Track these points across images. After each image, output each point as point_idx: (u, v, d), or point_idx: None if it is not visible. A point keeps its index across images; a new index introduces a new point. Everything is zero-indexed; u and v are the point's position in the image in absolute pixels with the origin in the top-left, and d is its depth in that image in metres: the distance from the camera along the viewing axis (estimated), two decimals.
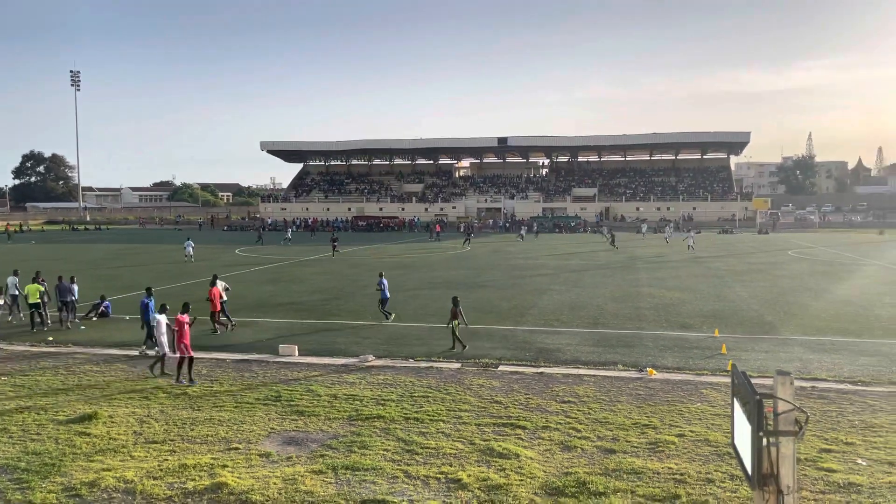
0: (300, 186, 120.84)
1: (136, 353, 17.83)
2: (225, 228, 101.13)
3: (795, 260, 42.48)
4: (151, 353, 17.42)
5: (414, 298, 26.77)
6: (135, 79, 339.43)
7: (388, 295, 22.52)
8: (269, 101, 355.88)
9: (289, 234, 67.45)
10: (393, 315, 22.20)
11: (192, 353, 15.03)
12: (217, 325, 20.15)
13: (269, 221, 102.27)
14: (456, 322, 17.76)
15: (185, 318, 15.02)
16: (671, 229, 63.42)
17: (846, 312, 22.65)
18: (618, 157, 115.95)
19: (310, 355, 17.33)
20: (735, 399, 5.26)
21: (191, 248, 47.33)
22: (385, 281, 22.49)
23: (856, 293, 26.93)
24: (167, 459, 10.68)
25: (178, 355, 14.84)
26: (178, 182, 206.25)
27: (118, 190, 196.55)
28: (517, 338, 19.22)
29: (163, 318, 15.58)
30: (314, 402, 13.57)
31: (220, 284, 21.01)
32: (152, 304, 18.28)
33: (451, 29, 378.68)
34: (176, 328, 14.88)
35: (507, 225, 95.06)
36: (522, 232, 67.19)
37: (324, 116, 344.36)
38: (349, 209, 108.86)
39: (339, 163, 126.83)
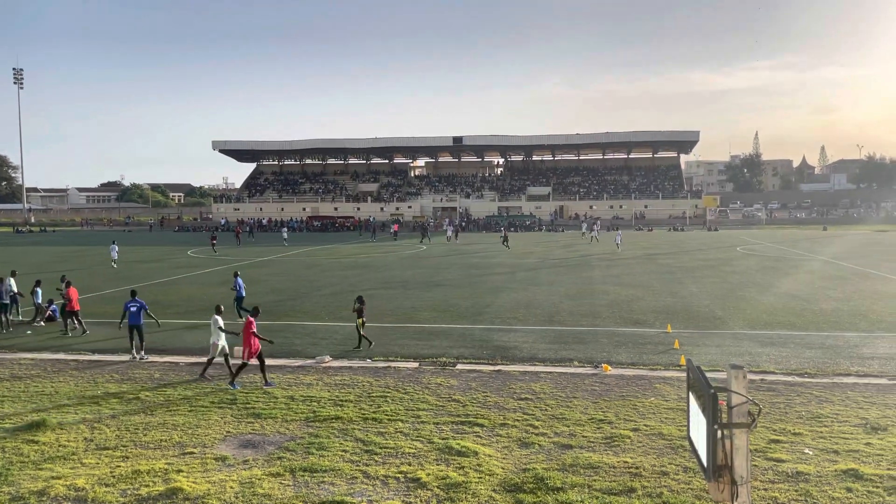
0: (254, 186, 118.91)
1: (87, 357, 17.28)
2: (176, 229, 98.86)
3: (744, 256, 43.69)
4: (138, 356, 17.15)
5: (369, 299, 26.65)
6: (81, 77, 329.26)
7: (244, 294, 22.62)
8: (222, 100, 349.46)
9: (285, 235, 67.66)
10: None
11: (254, 360, 14.70)
12: (67, 325, 19.98)
13: (223, 222, 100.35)
14: (361, 320, 17.82)
15: (252, 322, 14.73)
16: (598, 228, 64.82)
17: (792, 307, 23.40)
18: (571, 157, 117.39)
19: (266, 357, 17.07)
20: (690, 393, 5.37)
21: (115, 253, 42.55)
22: (241, 280, 22.50)
23: (801, 288, 27.84)
24: (120, 466, 10.38)
25: (242, 361, 14.65)
26: (126, 182, 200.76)
27: (64, 191, 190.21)
28: (475, 336, 19.28)
29: (219, 319, 15.34)
30: (271, 404, 13.38)
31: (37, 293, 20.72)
32: (139, 305, 17.98)
33: (405, 29, 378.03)
34: (248, 333, 14.51)
35: (464, 224, 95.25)
36: (449, 232, 64.88)
37: (278, 116, 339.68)
38: (304, 209, 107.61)
39: (293, 162, 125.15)
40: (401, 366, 16.26)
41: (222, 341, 15.45)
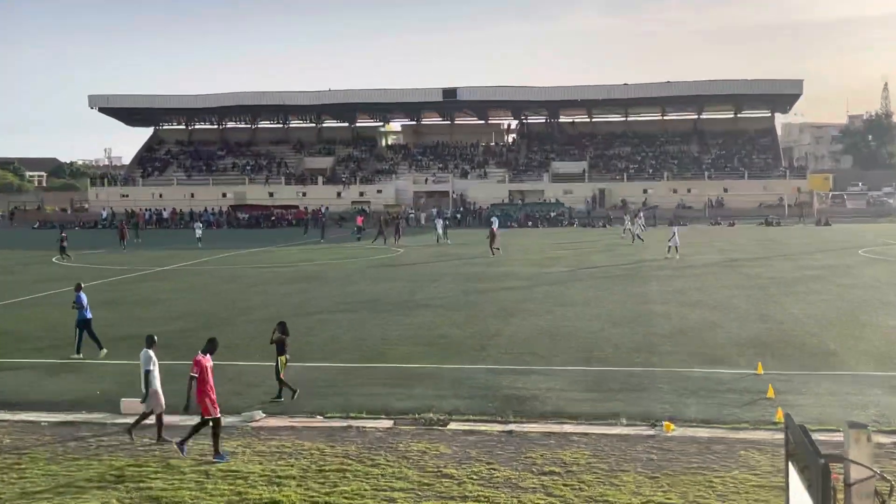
0: (150, 162, 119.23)
1: None
2: (36, 225, 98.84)
3: (868, 262, 43.96)
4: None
5: (322, 326, 26.59)
6: None
7: (90, 315, 22.74)
8: (104, 40, 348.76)
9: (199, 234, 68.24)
10: (104, 350, 22.45)
11: (219, 413, 14.76)
12: None
13: (104, 214, 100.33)
14: (283, 358, 17.99)
15: (209, 360, 14.88)
16: (642, 220, 64.69)
17: None
18: (617, 117, 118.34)
19: (168, 413, 17.02)
20: (790, 463, 5.38)
21: None
22: (83, 296, 22.50)
23: None
24: None
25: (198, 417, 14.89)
26: None
27: None
28: (475, 381, 19.30)
29: (153, 355, 15.69)
30: (176, 482, 13.35)
31: None
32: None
33: None
34: (195, 374, 14.71)
35: (458, 215, 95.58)
36: (439, 230, 65.39)
37: (186, 64, 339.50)
38: (224, 195, 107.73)
39: (208, 126, 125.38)
40: (367, 425, 16.24)
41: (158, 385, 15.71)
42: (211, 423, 14.83)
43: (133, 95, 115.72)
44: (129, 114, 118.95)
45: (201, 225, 72.90)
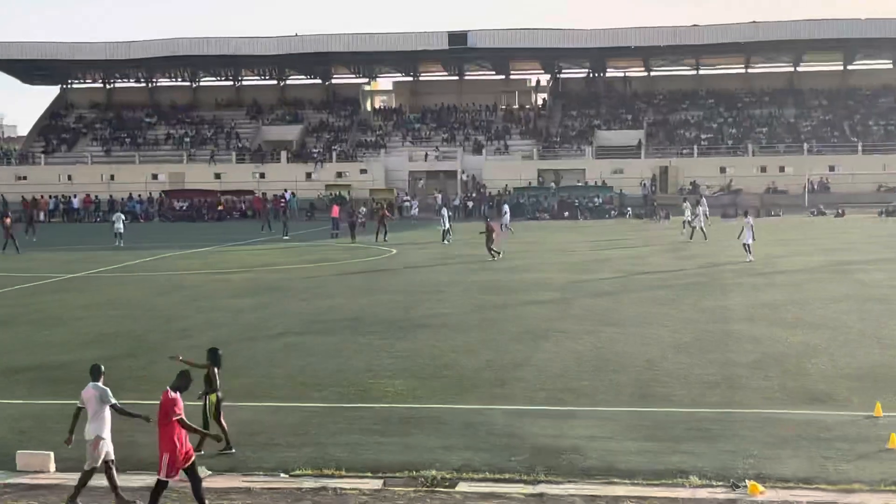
0: (55, 132, 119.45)
1: None
2: None
3: None
4: None
5: (287, 353, 26.54)
6: None
7: None
8: None
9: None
10: None
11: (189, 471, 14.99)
12: None
13: None
14: (213, 396, 18.10)
15: (179, 400, 14.93)
16: (704, 210, 64.44)
17: None
18: (684, 70, 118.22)
19: (77, 470, 17.02)
20: None
21: None
22: None
23: None
24: None
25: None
26: None
27: None
28: (493, 426, 19.23)
29: (94, 393, 15.83)
30: None
31: None
32: None
33: None
34: (181, 414, 14.85)
35: (470, 204, 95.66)
36: (446, 223, 65.04)
37: (105, 4, 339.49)
38: (155, 176, 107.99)
39: (132, 84, 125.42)
40: (348, 486, 16.21)
41: (108, 433, 15.77)
42: (167, 483, 14.97)
43: (32, 43, 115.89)
44: (28, 67, 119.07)
45: (123, 217, 72.89)
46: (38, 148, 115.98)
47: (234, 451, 18.00)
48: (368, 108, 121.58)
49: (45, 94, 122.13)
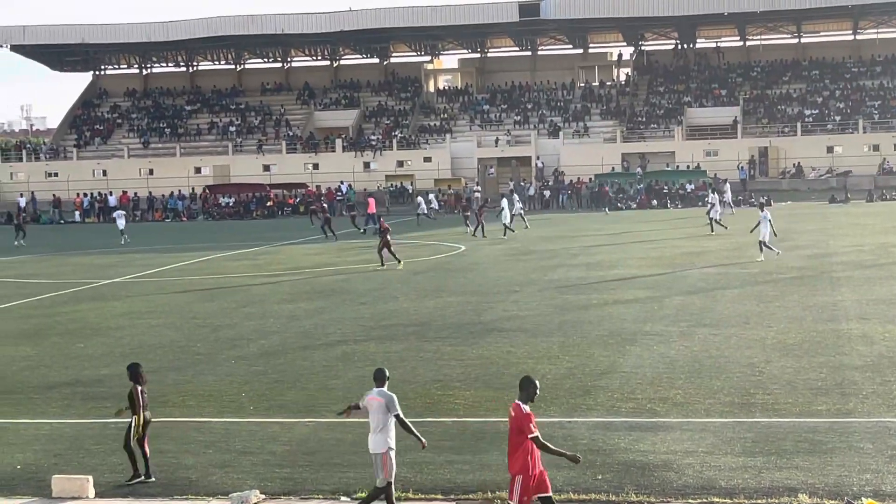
0: (88, 124, 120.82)
1: None
2: None
3: None
4: None
5: (346, 363, 26.65)
6: None
7: None
8: None
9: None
10: None
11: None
12: None
13: (22, 202, 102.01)
14: (137, 419, 17.77)
15: (532, 415, 14.79)
16: (727, 198, 63.49)
17: None
18: (783, 38, 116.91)
19: (119, 496, 17.20)
20: None
21: None
22: None
23: None
24: None
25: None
26: None
27: None
28: (577, 441, 19.16)
29: (380, 401, 16.05)
30: None
31: None
32: None
33: None
34: (535, 431, 14.59)
35: (545, 192, 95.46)
36: (505, 217, 64.32)
37: None
38: (198, 170, 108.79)
39: (171, 69, 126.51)
40: None
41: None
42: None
43: (62, 26, 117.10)
44: (58, 53, 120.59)
45: (124, 213, 74.05)
46: (69, 141, 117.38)
47: (153, 479, 17.84)
48: (431, 89, 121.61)
49: (77, 82, 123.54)
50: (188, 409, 22.59)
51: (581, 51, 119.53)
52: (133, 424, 17.86)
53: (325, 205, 78.89)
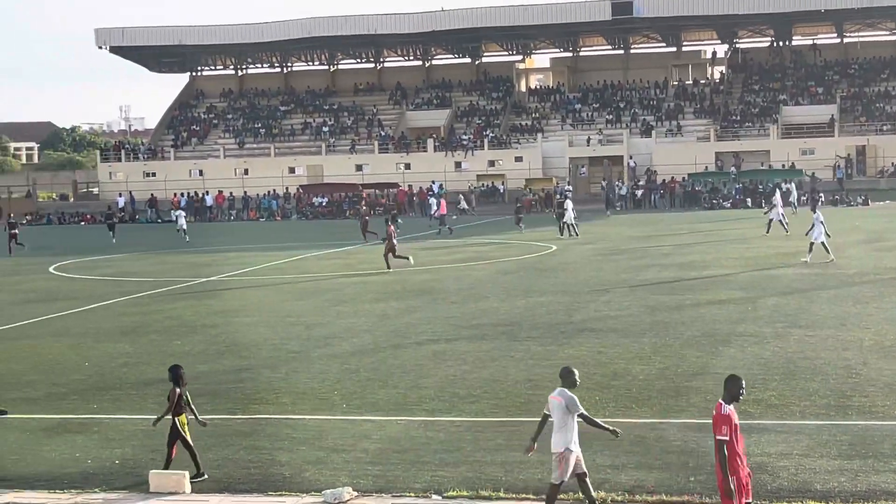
0: (185, 124, 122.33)
1: None
2: (27, 220, 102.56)
3: None
4: None
5: (437, 362, 26.72)
6: None
7: None
8: None
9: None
10: None
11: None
12: None
13: (120, 203, 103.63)
14: (182, 419, 17.97)
15: (733, 416, 14.43)
16: (793, 199, 62.11)
17: None
18: (882, 35, 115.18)
19: (216, 491, 17.42)
20: None
21: None
22: None
23: None
24: None
25: None
26: None
27: None
28: (669, 442, 19.07)
29: (560, 401, 15.74)
30: None
31: None
32: None
33: None
34: (725, 435, 14.26)
35: (639, 193, 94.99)
36: (570, 217, 64.06)
37: None
38: (292, 170, 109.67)
39: (266, 70, 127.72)
40: None
41: (576, 444, 15.61)
42: None
43: (159, 28, 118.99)
44: (156, 54, 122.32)
45: (184, 213, 75.04)
46: (167, 141, 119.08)
47: (205, 476, 18.01)
48: (523, 88, 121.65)
49: (174, 83, 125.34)
50: (282, 407, 22.76)
51: (674, 49, 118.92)
52: (179, 423, 18.08)
53: (365, 207, 79.66)
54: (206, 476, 17.97)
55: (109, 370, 27.61)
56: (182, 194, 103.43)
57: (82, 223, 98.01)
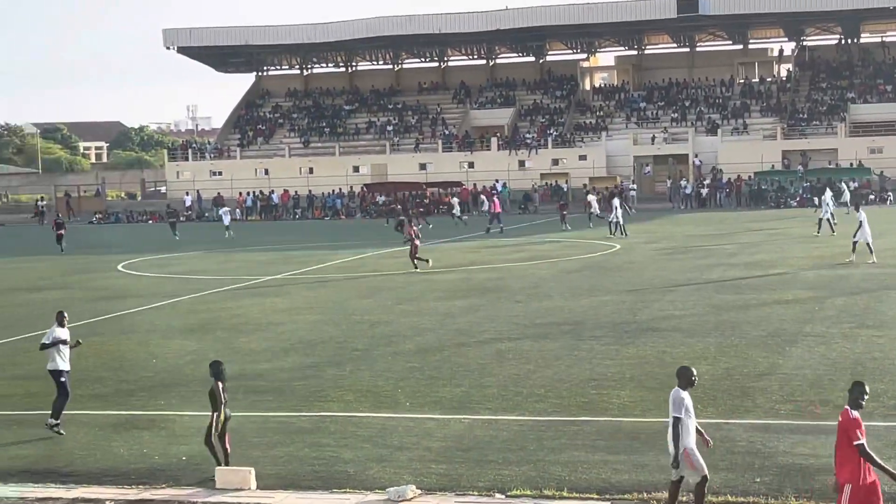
0: (251, 123, 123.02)
1: None
2: (96, 219, 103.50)
3: None
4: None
5: (500, 361, 26.76)
6: None
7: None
8: None
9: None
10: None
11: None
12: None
13: (188, 201, 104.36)
14: (219, 416, 17.99)
15: (859, 421, 14.51)
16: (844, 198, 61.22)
17: None
18: None
19: (279, 488, 17.54)
20: None
21: None
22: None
23: None
24: None
25: None
26: None
27: None
28: (734, 443, 18.95)
29: (671, 399, 15.62)
30: None
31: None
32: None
33: None
34: (862, 439, 14.29)
35: (704, 191, 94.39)
36: (618, 216, 63.18)
37: None
38: (356, 168, 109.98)
39: (330, 70, 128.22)
40: None
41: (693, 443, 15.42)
42: None
43: (226, 28, 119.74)
44: (222, 55, 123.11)
45: (228, 210, 75.74)
46: (233, 141, 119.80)
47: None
48: (587, 86, 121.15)
49: (240, 83, 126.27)
50: (346, 405, 22.87)
51: (740, 46, 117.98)
52: (214, 421, 18.16)
53: (401, 206, 79.86)
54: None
55: (176, 367, 27.89)
56: (248, 193, 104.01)
57: (150, 221, 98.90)
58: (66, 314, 23.14)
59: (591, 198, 70.63)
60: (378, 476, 17.91)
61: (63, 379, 21.64)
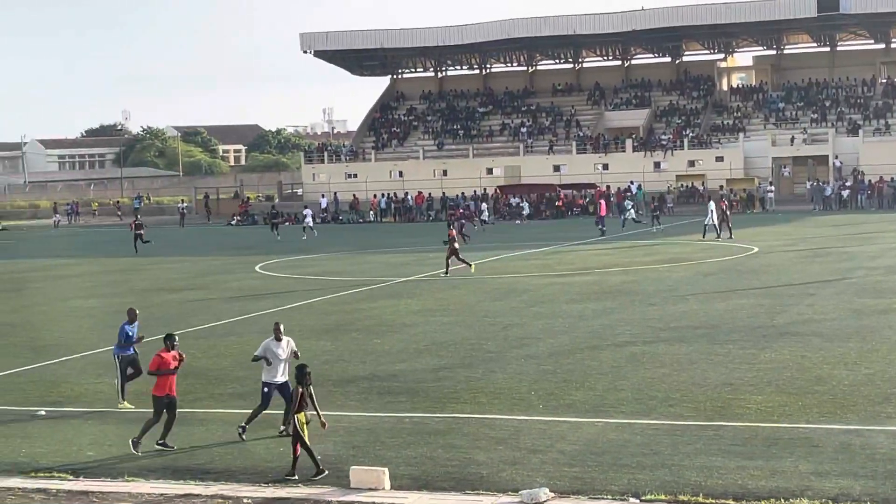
0: (385, 126, 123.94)
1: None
2: (234, 221, 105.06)
3: None
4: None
5: (634, 364, 26.62)
6: None
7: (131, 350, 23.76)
8: None
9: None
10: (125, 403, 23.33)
11: None
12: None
13: (323, 203, 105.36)
14: (302, 418, 18.28)
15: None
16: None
17: None
18: None
19: (413, 488, 17.64)
20: None
21: None
22: (131, 329, 23.48)
23: None
24: None
25: None
26: (134, 126, 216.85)
27: (17, 146, 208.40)
28: (877, 450, 18.58)
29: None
30: None
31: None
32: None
33: None
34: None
35: (845, 193, 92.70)
36: (712, 218, 63.42)
37: None
38: (489, 170, 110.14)
39: (464, 72, 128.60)
40: None
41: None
42: None
43: (361, 31, 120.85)
44: (358, 58, 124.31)
45: (311, 212, 76.56)
46: (368, 143, 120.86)
47: (296, 477, 18.29)
48: (724, 87, 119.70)
49: (375, 86, 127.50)
50: (479, 406, 22.94)
51: (883, 46, 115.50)
52: (298, 422, 18.40)
53: (461, 210, 79.74)
54: (326, 472, 18.25)
55: (312, 367, 27.92)
56: (382, 195, 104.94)
57: (286, 224, 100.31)
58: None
59: (712, 204, 69.22)
60: (511, 478, 17.91)
61: (266, 390, 21.69)
